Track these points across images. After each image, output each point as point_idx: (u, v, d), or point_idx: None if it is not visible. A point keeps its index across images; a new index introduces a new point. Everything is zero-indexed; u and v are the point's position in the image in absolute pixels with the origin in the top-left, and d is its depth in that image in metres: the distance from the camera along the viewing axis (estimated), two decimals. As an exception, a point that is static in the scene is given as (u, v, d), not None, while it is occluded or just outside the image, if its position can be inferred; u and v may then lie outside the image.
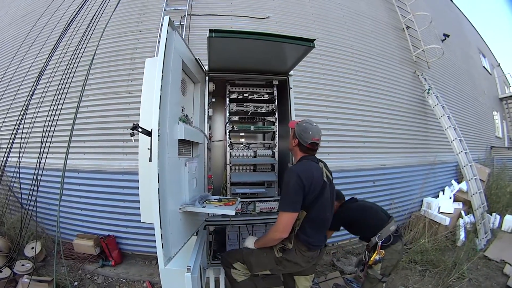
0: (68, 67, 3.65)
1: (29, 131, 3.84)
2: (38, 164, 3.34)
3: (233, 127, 2.69)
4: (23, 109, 3.82)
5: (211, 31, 1.80)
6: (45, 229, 4.10)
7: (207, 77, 2.52)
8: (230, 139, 2.70)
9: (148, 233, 3.68)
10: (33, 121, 3.96)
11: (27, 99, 3.87)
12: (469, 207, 5.01)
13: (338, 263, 3.73)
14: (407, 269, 3.62)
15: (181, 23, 4.18)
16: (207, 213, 2.34)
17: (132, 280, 3.40)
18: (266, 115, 2.83)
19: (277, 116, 2.77)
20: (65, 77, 3.61)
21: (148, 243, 3.76)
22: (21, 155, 3.73)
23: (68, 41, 4.10)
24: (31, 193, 3.45)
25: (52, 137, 3.44)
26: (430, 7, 6.92)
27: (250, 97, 2.74)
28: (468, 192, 4.98)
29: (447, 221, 4.47)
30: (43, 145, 3.35)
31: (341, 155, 4.39)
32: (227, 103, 2.70)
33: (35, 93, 3.93)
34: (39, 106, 3.95)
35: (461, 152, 5.03)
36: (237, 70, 2.57)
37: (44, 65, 3.99)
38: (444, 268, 3.53)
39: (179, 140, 1.79)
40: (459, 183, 5.75)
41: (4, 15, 6.24)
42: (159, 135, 1.43)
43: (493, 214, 5.20)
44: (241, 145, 2.89)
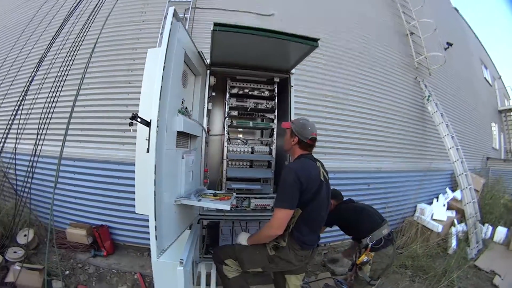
0: (69, 55, 3.61)
1: (27, 117, 3.81)
2: (34, 150, 3.31)
3: (232, 122, 2.68)
4: (22, 95, 3.78)
5: (215, 24, 1.79)
6: (39, 216, 4.06)
7: (208, 71, 2.50)
8: (228, 133, 2.69)
9: (141, 225, 3.66)
10: (32, 107, 3.91)
11: (26, 85, 3.82)
12: (462, 216, 5.04)
13: (329, 264, 3.75)
14: (397, 273, 3.65)
15: (185, 15, 4.17)
16: (201, 207, 2.34)
17: (123, 271, 3.39)
18: (265, 111, 2.82)
19: (276, 113, 2.77)
20: (65, 64, 3.57)
21: (140, 235, 3.75)
22: (17, 141, 3.69)
23: (70, 28, 4.06)
24: (26, 179, 3.42)
25: (49, 124, 3.42)
26: (435, 14, 6.93)
27: (250, 93, 2.74)
28: (462, 200, 5.01)
29: (439, 228, 4.50)
30: (40, 132, 3.32)
31: (337, 156, 4.41)
32: (227, 97, 2.69)
33: (34, 79, 3.89)
34: (38, 92, 3.91)
35: (457, 160, 5.06)
36: (239, 65, 2.56)
37: (45, 52, 3.94)
38: (434, 275, 3.55)
39: (178, 132, 1.78)
40: (453, 191, 5.79)
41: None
42: (158, 126, 1.42)
43: (486, 224, 5.24)
44: (238, 141, 2.88)
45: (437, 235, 4.46)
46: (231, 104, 2.69)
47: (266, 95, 2.75)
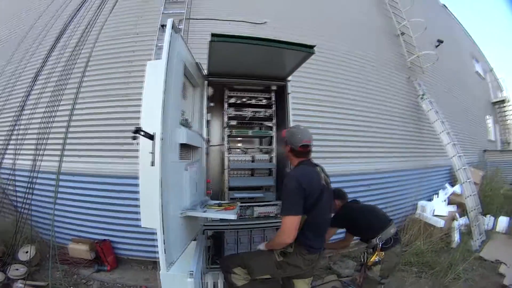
0: (65, 69, 3.62)
1: (25, 132, 3.79)
2: (33, 166, 3.30)
3: (231, 132, 2.69)
4: (19, 110, 3.77)
5: (213, 35, 1.80)
6: (40, 233, 4.02)
7: (206, 82, 2.52)
8: (228, 143, 2.69)
9: (144, 238, 3.62)
10: (29, 122, 3.90)
11: (23, 100, 3.82)
12: (463, 210, 5.08)
13: (334, 266, 3.75)
14: (403, 271, 3.66)
15: (179, 27, 4.18)
16: (205, 218, 2.33)
17: (128, 285, 3.36)
18: (264, 120, 2.82)
19: (275, 121, 2.78)
20: (61, 78, 3.58)
21: (144, 248, 3.72)
22: (16, 157, 3.67)
23: (66, 42, 4.07)
24: (25, 195, 3.40)
25: (47, 139, 3.41)
26: (424, 13, 7.04)
27: (248, 102, 2.74)
28: (462, 194, 5.06)
29: (441, 223, 4.53)
30: (38, 147, 3.31)
31: (336, 160, 4.44)
32: (225, 107, 2.70)
33: (31, 94, 3.88)
34: (35, 107, 3.90)
35: (455, 155, 5.12)
36: (236, 75, 2.57)
37: (40, 66, 3.95)
38: (440, 269, 3.57)
39: (180, 144, 1.79)
40: (453, 186, 5.84)
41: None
42: (162, 139, 1.42)
43: (487, 215, 5.29)
44: (238, 150, 2.88)
45: (440, 230, 4.49)
46: (230, 114, 2.69)
47: (263, 103, 2.76)
